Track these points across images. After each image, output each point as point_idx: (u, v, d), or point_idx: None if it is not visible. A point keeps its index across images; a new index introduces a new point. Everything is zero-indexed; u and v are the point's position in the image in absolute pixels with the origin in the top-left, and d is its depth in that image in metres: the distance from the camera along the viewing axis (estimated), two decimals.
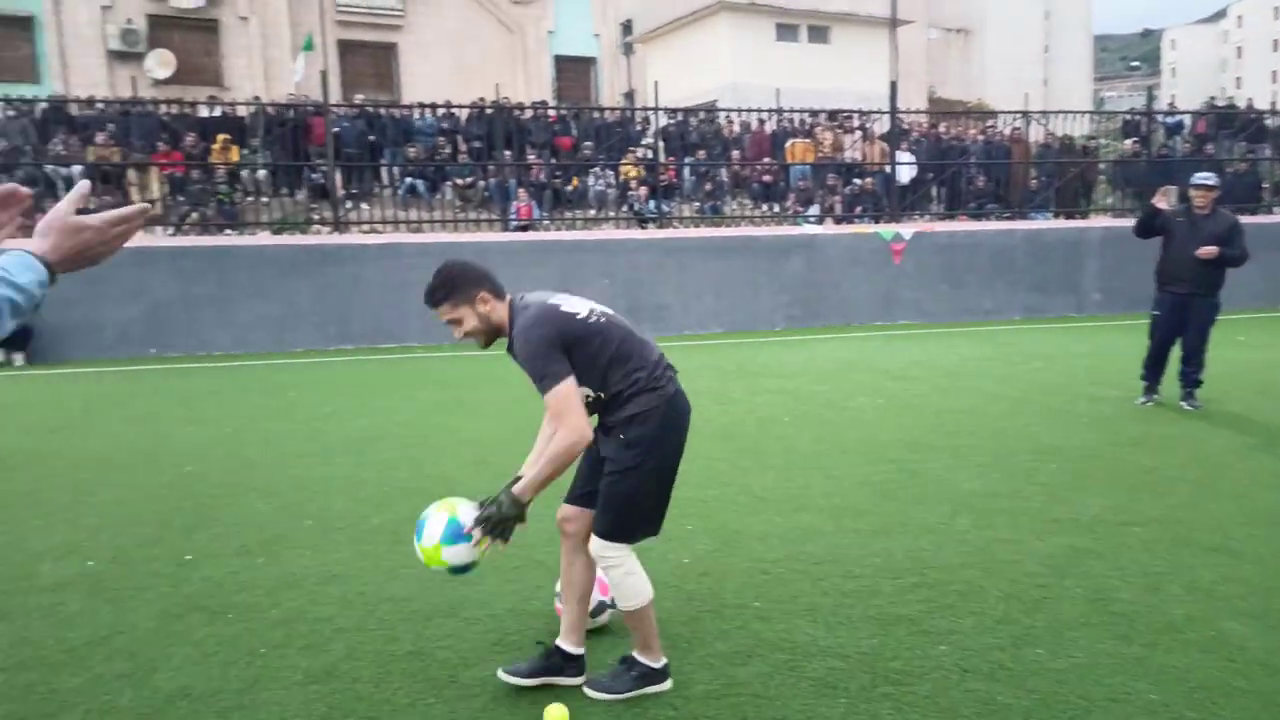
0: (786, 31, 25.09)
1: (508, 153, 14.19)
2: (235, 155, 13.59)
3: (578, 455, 2.63)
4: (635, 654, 2.84)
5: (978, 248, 14.14)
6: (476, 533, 2.60)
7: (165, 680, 2.90)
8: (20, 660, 3.06)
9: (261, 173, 13.81)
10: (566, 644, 2.88)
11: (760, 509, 4.66)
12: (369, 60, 24.97)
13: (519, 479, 2.69)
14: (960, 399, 7.51)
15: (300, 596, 3.59)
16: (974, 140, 17.16)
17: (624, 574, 2.75)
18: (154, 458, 5.91)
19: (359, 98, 19.55)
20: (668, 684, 2.83)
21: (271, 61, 23.19)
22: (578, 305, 2.75)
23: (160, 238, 12.16)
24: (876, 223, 14.72)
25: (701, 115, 17.34)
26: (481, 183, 14.46)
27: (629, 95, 27.04)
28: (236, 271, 11.36)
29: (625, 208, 14.72)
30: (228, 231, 12.86)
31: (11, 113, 13.27)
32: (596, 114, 16.90)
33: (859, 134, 16.65)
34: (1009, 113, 16.67)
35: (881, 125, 16.01)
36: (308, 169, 13.86)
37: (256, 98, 17.36)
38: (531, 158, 14.70)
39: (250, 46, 23.17)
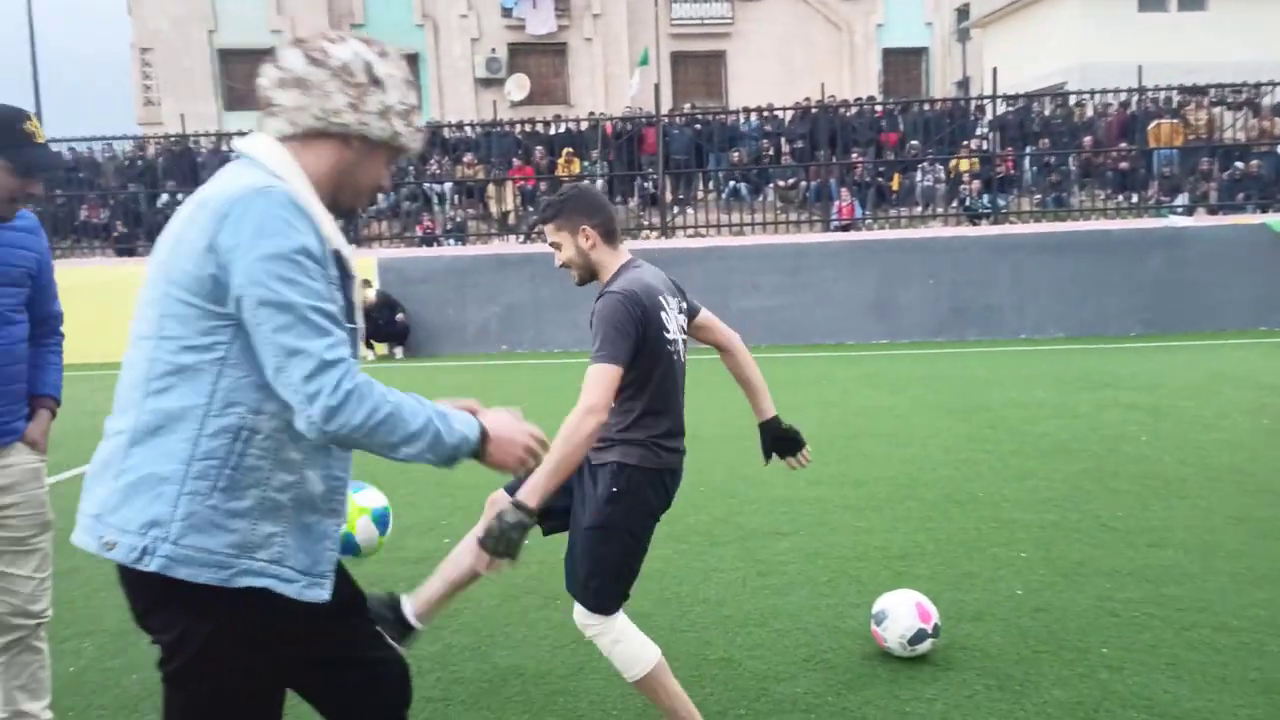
0: (1152, 1, 22.34)
1: (830, 152, 13.99)
2: (577, 167, 14.68)
3: (586, 438, 2.25)
4: None
5: None
6: (483, 554, 2.20)
7: (503, 657, 3.17)
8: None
9: (600, 182, 14.80)
10: (409, 606, 2.60)
11: (1108, 540, 4.15)
12: (699, 69, 25.85)
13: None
14: None
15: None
16: None
17: (611, 642, 2.43)
18: None
19: (687, 106, 20.29)
20: None
21: (611, 78, 24.79)
22: (674, 324, 2.46)
23: (514, 245, 13.44)
24: (1264, 212, 12.63)
25: (1049, 100, 15.93)
26: (803, 183, 14.39)
27: (963, 84, 25.57)
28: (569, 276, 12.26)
29: (955, 203, 13.92)
30: None
31: None
32: (926, 106, 16.14)
33: (1244, 111, 14.39)
34: None
35: (1273, 97, 13.70)
36: (640, 177, 14.63)
37: (593, 113, 18.64)
38: (854, 155, 14.38)
39: (593, 65, 24.94)
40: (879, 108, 16.41)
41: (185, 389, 1.42)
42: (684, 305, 2.58)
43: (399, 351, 12.07)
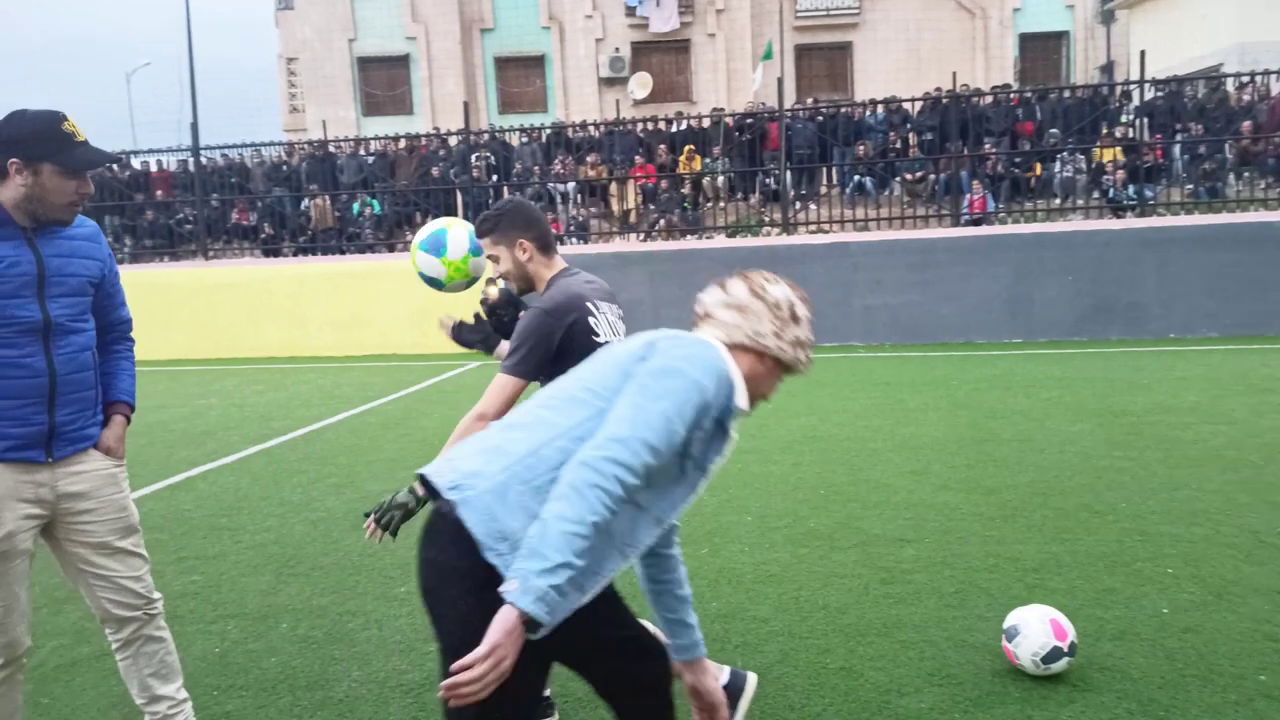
0: None
1: (961, 143, 13.47)
2: (698, 164, 14.65)
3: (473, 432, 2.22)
4: None
5: None
6: (369, 522, 2.33)
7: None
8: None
9: (720, 179, 14.72)
10: None
11: (1266, 557, 3.84)
12: (824, 62, 25.37)
13: None
14: None
15: (739, 592, 3.71)
16: None
17: None
18: None
19: (810, 101, 19.96)
20: None
21: (734, 74, 24.62)
22: (605, 329, 2.47)
23: (634, 243, 13.53)
24: None
25: (1202, 83, 14.89)
26: (932, 176, 13.92)
27: (1107, 69, 24.20)
28: (696, 273, 12.23)
29: (1097, 195, 13.18)
30: (689, 236, 13.91)
31: (525, 139, 15.68)
32: (1066, 93, 15.34)
33: None
34: None
35: None
36: (761, 173, 14.48)
37: (716, 110, 18.55)
38: (987, 146, 13.81)
39: (716, 62, 24.82)
40: (1014, 96, 15.69)
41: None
42: (619, 311, 2.64)
43: None
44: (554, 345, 2.42)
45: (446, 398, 8.96)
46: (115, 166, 15.59)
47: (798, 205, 14.03)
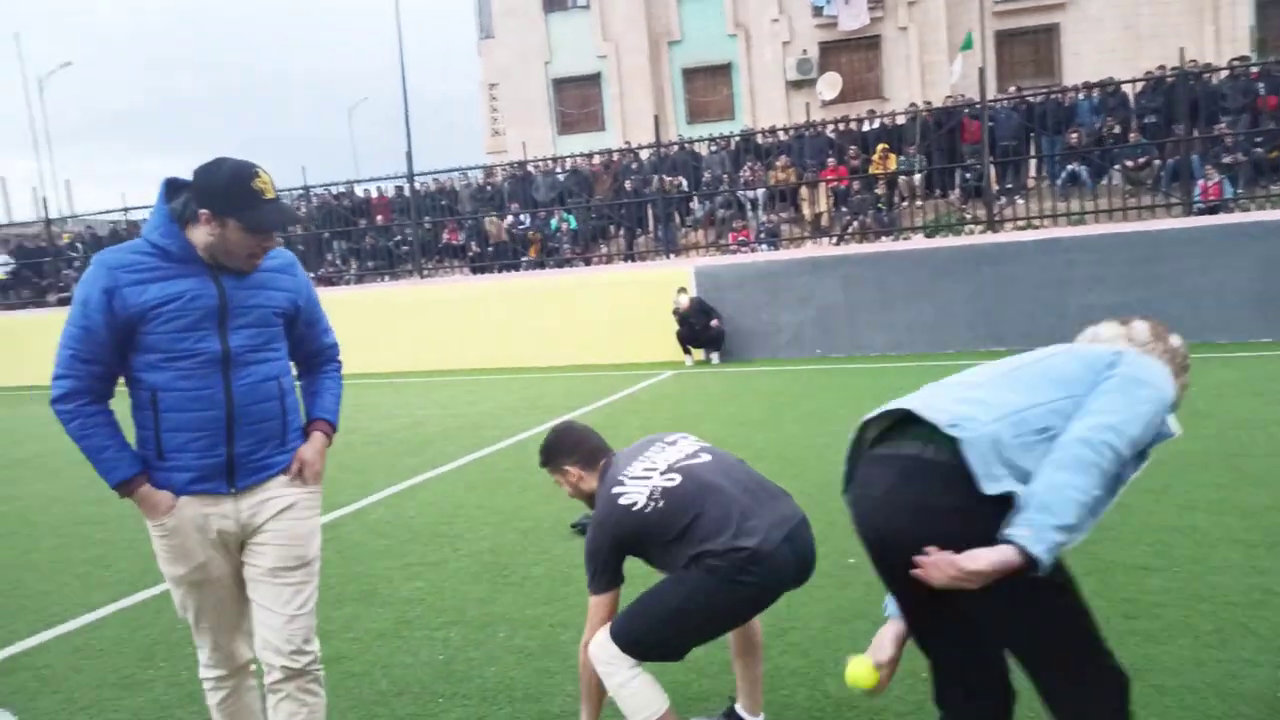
0: None
1: (1190, 124, 12.26)
2: (893, 163, 14.15)
3: (587, 670, 2.56)
4: None
5: None
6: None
7: (834, 685, 3.06)
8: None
9: (917, 177, 14.15)
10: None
11: None
12: (1028, 47, 23.91)
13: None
14: None
15: None
16: None
17: (619, 685, 2.46)
18: (822, 455, 6.39)
19: (1012, 89, 18.83)
20: None
21: (928, 67, 23.67)
22: (636, 491, 2.54)
23: (826, 247, 13.24)
24: None
25: None
26: (1156, 162, 12.76)
27: None
28: (893, 275, 11.80)
29: None
30: (884, 238, 13.45)
31: (713, 148, 15.72)
32: None
33: None
34: None
35: None
36: (961, 169, 13.78)
37: (912, 105, 17.86)
38: (1222, 126, 12.50)
39: (909, 56, 23.96)
40: (1254, 70, 14.13)
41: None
42: (671, 439, 2.79)
43: (715, 357, 12.34)
44: (620, 550, 2.57)
45: (642, 406, 9.08)
46: (338, 195, 16.97)
47: (1003, 200, 13.25)
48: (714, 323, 12.13)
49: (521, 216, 16.08)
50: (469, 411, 9.53)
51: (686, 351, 12.34)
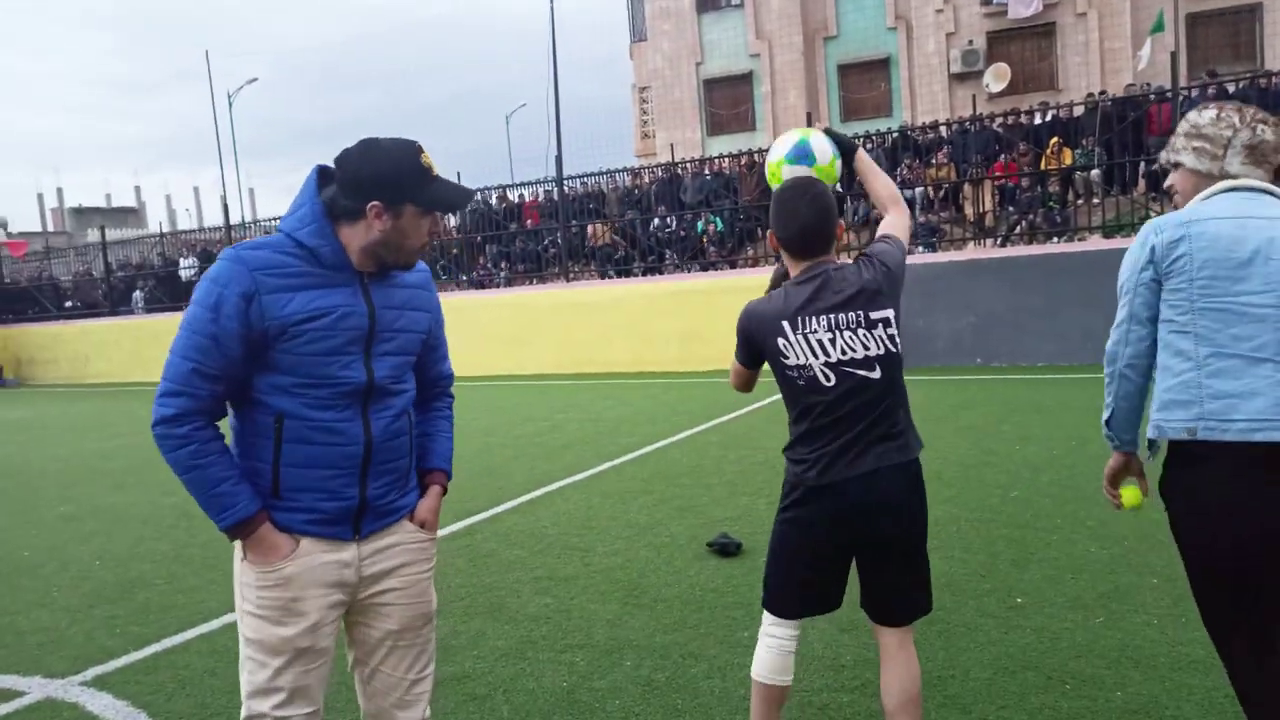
0: None
1: None
2: (1069, 158, 13.13)
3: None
4: None
5: None
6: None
7: None
8: (818, 684, 3.18)
9: (1095, 172, 13.07)
10: None
11: None
12: (1224, 30, 21.84)
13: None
14: None
15: (1152, 682, 3.02)
16: None
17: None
18: (981, 476, 5.88)
19: (1204, 75, 17.19)
20: None
21: (1109, 54, 22.03)
22: (802, 349, 2.38)
23: (989, 249, 12.42)
24: None
25: None
26: None
27: None
28: (1064, 280, 10.91)
29: None
30: (1056, 239, 12.49)
31: (869, 145, 15.08)
32: None
33: None
34: None
35: None
36: (1145, 162, 12.62)
37: (1091, 94, 16.58)
38: None
39: (1087, 43, 22.37)
40: None
41: None
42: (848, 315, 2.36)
43: None
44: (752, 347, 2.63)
45: (783, 415, 8.71)
46: (494, 199, 17.35)
47: None
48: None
49: (669, 219, 15.94)
50: (608, 417, 9.43)
51: None
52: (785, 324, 2.37)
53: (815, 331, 2.34)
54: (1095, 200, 13.05)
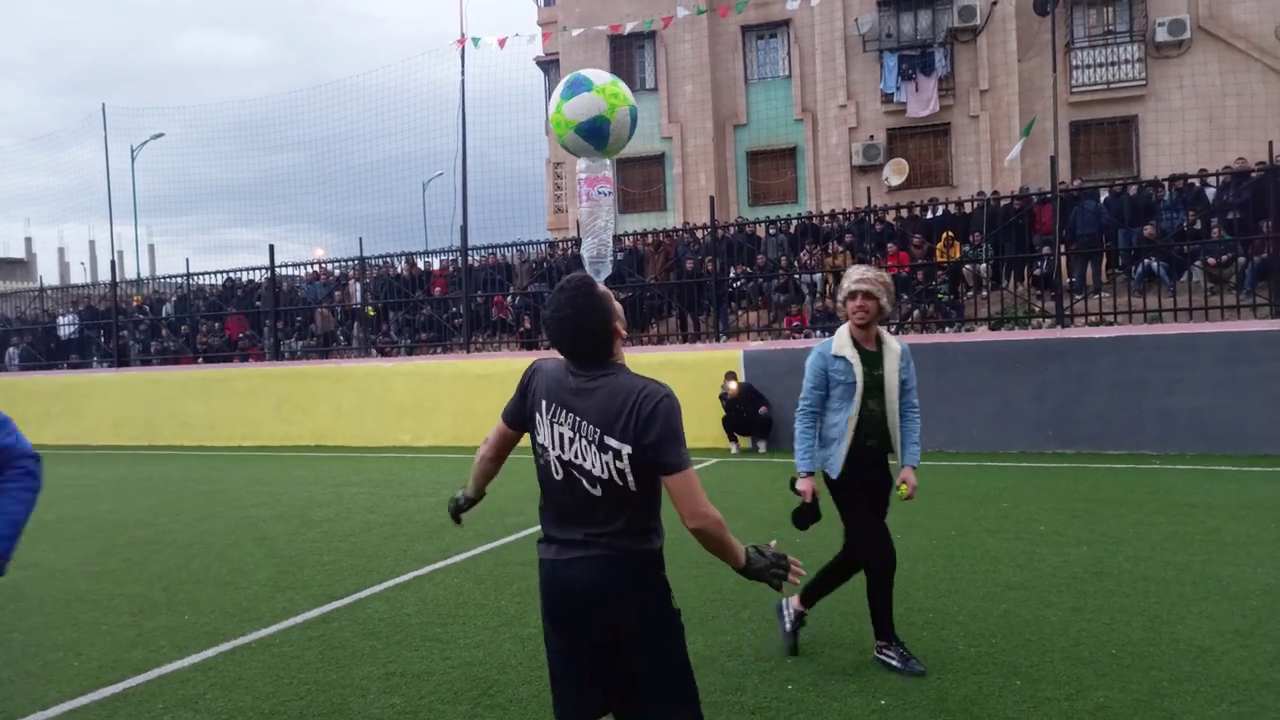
0: None
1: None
2: (957, 252, 13.67)
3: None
4: None
5: None
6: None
7: None
8: None
9: (983, 266, 13.62)
10: None
11: None
12: (1104, 138, 23.34)
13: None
14: None
15: None
16: None
17: None
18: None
19: (1078, 181, 18.27)
20: None
21: (999, 155, 23.24)
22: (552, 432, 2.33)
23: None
24: None
25: None
26: (1241, 259, 12.05)
27: None
28: (954, 368, 11.22)
29: None
30: (946, 329, 12.89)
31: (772, 230, 15.44)
32: None
33: None
34: None
35: None
36: (1030, 261, 13.23)
37: (981, 192, 17.41)
38: None
39: (979, 144, 23.58)
40: None
41: None
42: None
43: (762, 445, 11.83)
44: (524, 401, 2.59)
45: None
46: (400, 265, 17.08)
47: (1076, 296, 12.62)
48: (762, 409, 11.67)
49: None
50: (498, 494, 9.14)
51: (732, 439, 11.86)
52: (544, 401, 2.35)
53: (561, 423, 2.29)
54: (984, 293, 13.57)
